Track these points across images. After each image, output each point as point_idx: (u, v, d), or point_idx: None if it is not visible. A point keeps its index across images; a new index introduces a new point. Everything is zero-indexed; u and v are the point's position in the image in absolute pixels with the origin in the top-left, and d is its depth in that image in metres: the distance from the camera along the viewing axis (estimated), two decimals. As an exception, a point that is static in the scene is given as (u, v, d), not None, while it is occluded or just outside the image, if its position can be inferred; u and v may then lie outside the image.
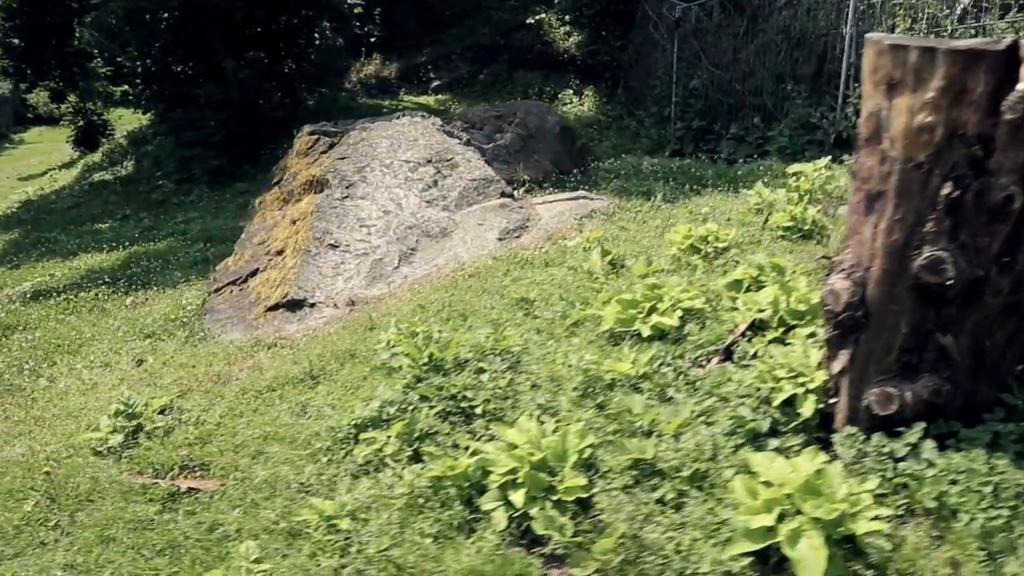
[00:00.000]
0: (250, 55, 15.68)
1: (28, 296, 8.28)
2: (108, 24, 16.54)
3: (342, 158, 7.38)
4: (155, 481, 4.08)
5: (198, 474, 4.25)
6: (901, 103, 2.63)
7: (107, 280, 8.54)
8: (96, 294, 8.08)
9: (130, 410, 4.68)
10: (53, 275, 9.57)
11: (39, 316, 7.50)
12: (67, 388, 5.73)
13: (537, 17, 19.18)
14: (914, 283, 2.79)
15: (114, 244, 10.71)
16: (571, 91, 18.06)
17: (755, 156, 10.34)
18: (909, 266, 2.78)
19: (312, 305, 6.25)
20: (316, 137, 7.85)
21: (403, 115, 8.05)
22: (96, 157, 20.17)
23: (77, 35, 21.44)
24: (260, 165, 15.48)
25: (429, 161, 7.30)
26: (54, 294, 8.18)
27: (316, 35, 17.02)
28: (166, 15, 14.92)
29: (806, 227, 5.55)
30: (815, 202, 5.88)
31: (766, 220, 5.96)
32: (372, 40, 20.63)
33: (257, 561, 3.29)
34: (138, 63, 16.18)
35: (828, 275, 3.14)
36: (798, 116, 10.09)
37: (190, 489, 4.00)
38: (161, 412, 4.78)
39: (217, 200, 14.10)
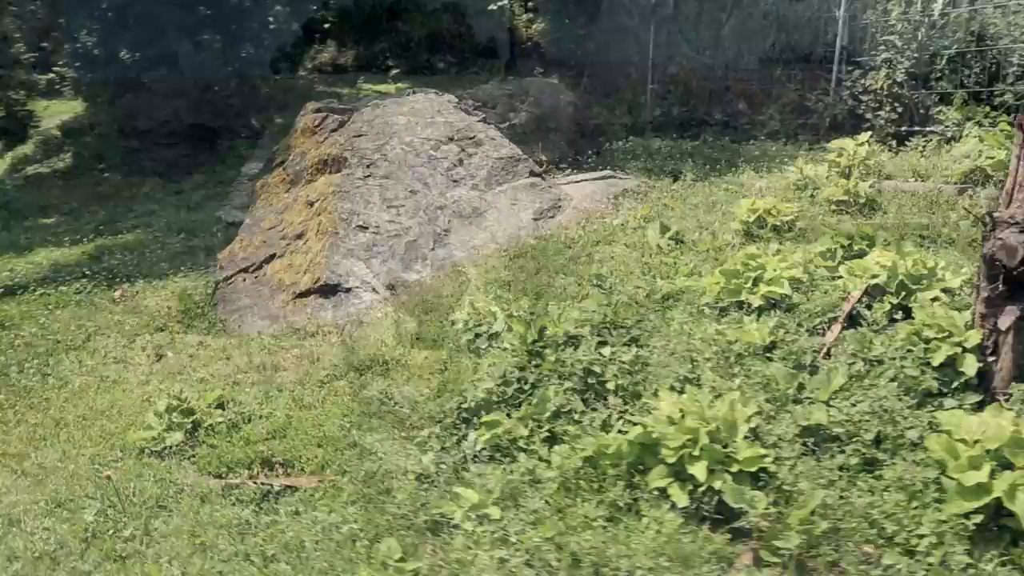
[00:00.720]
0: (204, 38, 14.77)
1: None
2: (29, 10, 15.23)
3: (358, 135, 6.96)
4: (245, 481, 3.66)
5: (280, 472, 3.86)
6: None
7: (86, 274, 7.80)
8: (78, 288, 7.37)
9: (184, 405, 4.23)
10: (13, 270, 8.71)
11: (20, 312, 6.76)
12: (84, 387, 5.14)
13: (499, 3, 18.85)
14: (1106, 232, 2.76)
15: (77, 237, 9.84)
16: (536, 79, 17.87)
17: (742, 141, 10.40)
18: (1103, 215, 2.74)
19: (348, 290, 5.85)
20: (324, 115, 7.38)
21: (415, 92, 7.69)
22: (27, 149, 18.56)
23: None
24: (218, 155, 14.63)
25: (451, 139, 6.98)
26: (28, 289, 7.41)
27: (270, 18, 16.20)
28: (110, -7, 13.88)
29: (860, 200, 5.56)
30: (862, 177, 5.92)
31: (812, 195, 5.96)
32: (327, 26, 19.82)
33: (402, 560, 2.98)
34: (79, 46, 14.99)
35: (991, 231, 3.09)
36: (790, 100, 10.23)
37: (286, 487, 3.62)
38: (219, 407, 4.34)
39: (176, 193, 13.24)
